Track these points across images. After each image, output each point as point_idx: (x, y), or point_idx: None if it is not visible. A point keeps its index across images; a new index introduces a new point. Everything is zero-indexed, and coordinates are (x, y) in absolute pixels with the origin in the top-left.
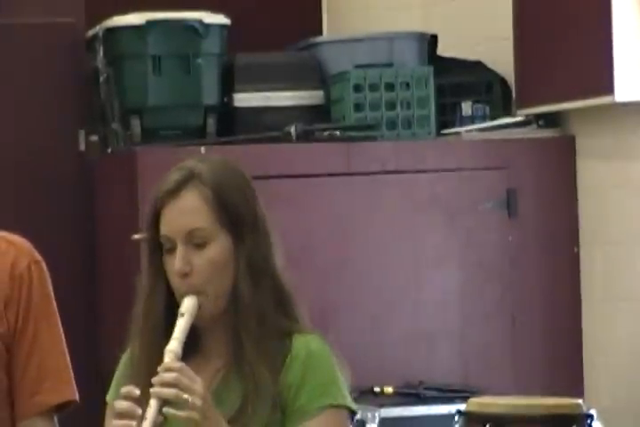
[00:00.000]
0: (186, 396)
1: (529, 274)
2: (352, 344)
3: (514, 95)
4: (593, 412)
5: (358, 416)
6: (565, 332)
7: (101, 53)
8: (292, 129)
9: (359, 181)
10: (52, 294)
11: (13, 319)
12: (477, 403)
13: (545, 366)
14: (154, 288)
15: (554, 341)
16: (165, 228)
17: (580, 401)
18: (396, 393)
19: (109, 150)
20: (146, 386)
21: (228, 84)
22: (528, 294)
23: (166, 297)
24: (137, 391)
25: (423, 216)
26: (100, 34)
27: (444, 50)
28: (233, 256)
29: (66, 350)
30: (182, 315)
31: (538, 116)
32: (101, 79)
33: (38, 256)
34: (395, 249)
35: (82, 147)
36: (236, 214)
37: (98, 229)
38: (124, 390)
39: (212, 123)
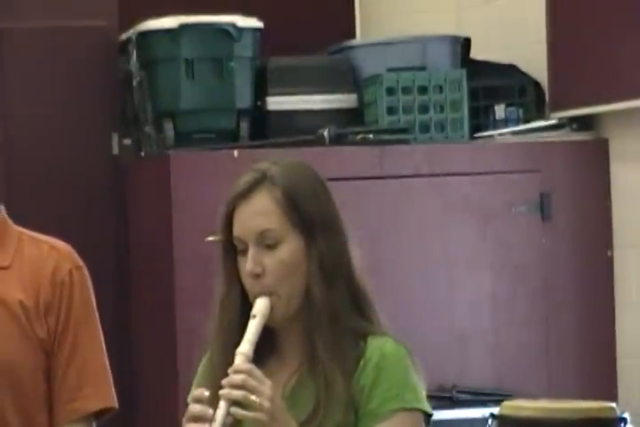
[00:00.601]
0: (254, 397)
1: (562, 277)
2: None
3: (547, 98)
4: (627, 415)
5: None
6: (599, 335)
7: (134, 57)
8: (325, 132)
9: (392, 184)
10: (94, 300)
11: (54, 325)
12: (511, 406)
13: (578, 369)
14: (228, 290)
15: (587, 344)
16: (237, 229)
17: (614, 405)
18: (428, 397)
19: (142, 154)
20: (220, 388)
21: (261, 87)
22: (561, 298)
23: (241, 298)
24: (206, 393)
25: (456, 220)
26: (134, 37)
27: (477, 53)
28: (305, 257)
29: (105, 357)
30: (254, 316)
31: (571, 120)
32: (134, 83)
33: (80, 262)
34: (427, 252)
35: (115, 150)
36: (308, 215)
37: (131, 233)
38: (196, 393)
39: (244, 126)
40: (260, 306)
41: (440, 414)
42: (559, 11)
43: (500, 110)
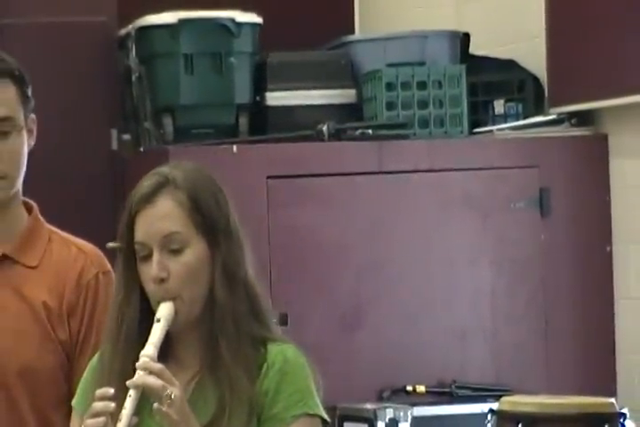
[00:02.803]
0: (169, 391)
1: (562, 273)
2: (384, 343)
3: (546, 94)
4: (626, 411)
5: (390, 415)
6: (598, 331)
7: (134, 52)
8: (324, 128)
9: (391, 179)
10: None
11: (76, 328)
12: (510, 402)
13: (577, 364)
14: (128, 296)
15: (587, 340)
16: (140, 234)
17: (613, 400)
18: (428, 392)
19: (141, 149)
20: (118, 391)
21: (261, 82)
22: (561, 293)
23: (140, 305)
24: (111, 391)
25: (455, 215)
26: (133, 33)
27: (476, 48)
28: (209, 261)
29: None
30: (158, 320)
31: (570, 115)
32: (134, 78)
33: (108, 266)
34: (427, 248)
35: (114, 146)
36: (211, 220)
37: None
38: (100, 391)
39: (244, 121)
40: (165, 310)
41: (440, 410)
42: (558, 6)
43: (499, 106)
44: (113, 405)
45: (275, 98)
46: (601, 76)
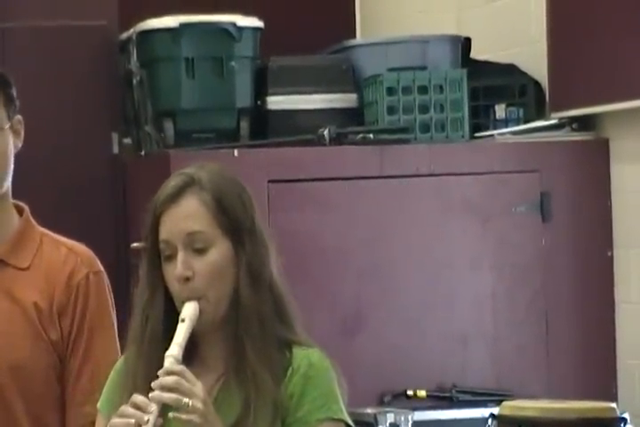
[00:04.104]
0: (186, 400)
1: (562, 277)
2: (385, 347)
3: (547, 98)
4: (626, 416)
5: (391, 420)
6: (599, 335)
7: (135, 56)
8: (326, 132)
9: (392, 183)
10: (111, 305)
11: (67, 329)
12: (511, 406)
13: (578, 369)
14: (152, 296)
15: (587, 344)
16: (166, 233)
17: (614, 405)
18: (428, 396)
19: (142, 153)
20: (144, 393)
21: (262, 86)
22: (562, 298)
23: (165, 305)
24: (143, 399)
25: (456, 219)
26: (134, 36)
27: (477, 53)
28: (233, 261)
29: None
30: (183, 320)
31: (572, 119)
32: (135, 82)
33: (99, 267)
34: (428, 252)
35: (115, 149)
36: (235, 220)
37: (131, 230)
38: (135, 398)
39: (245, 126)
40: (189, 310)
41: (440, 414)
42: (559, 11)
43: (500, 110)
44: (145, 417)
45: (276, 102)
46: (602, 81)
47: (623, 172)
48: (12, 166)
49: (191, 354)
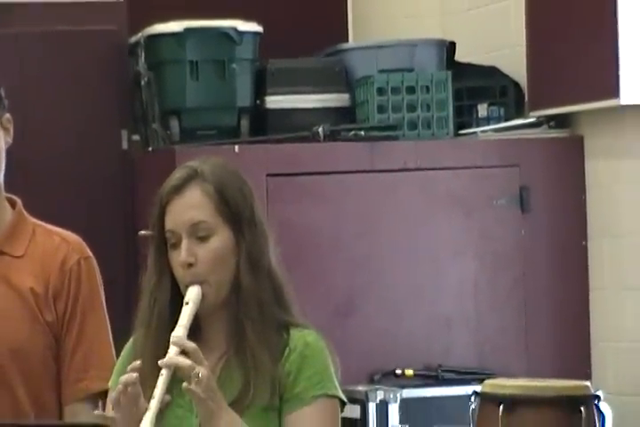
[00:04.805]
0: (197, 369)
1: (540, 265)
2: (376, 329)
3: (526, 98)
4: (600, 393)
5: (380, 397)
6: (574, 319)
7: (143, 59)
8: (320, 129)
9: (382, 177)
10: (101, 289)
11: (62, 311)
12: (492, 385)
13: (555, 350)
14: (159, 281)
15: (563, 327)
16: (171, 222)
17: (588, 383)
18: (416, 375)
19: (150, 149)
20: (150, 372)
21: (261, 87)
22: (539, 284)
23: (171, 290)
24: (138, 362)
25: (441, 211)
26: (142, 41)
27: (461, 56)
28: (234, 249)
29: (111, 341)
30: (187, 303)
31: (549, 118)
32: (143, 83)
33: (89, 253)
34: (415, 241)
35: (124, 146)
36: (236, 210)
37: (138, 221)
38: (130, 365)
39: (245, 123)
40: (193, 294)
41: (426, 392)
42: (537, 18)
43: (482, 109)
44: (136, 375)
45: (274, 101)
46: (577, 82)
47: (597, 167)
48: (3, 162)
49: (195, 335)
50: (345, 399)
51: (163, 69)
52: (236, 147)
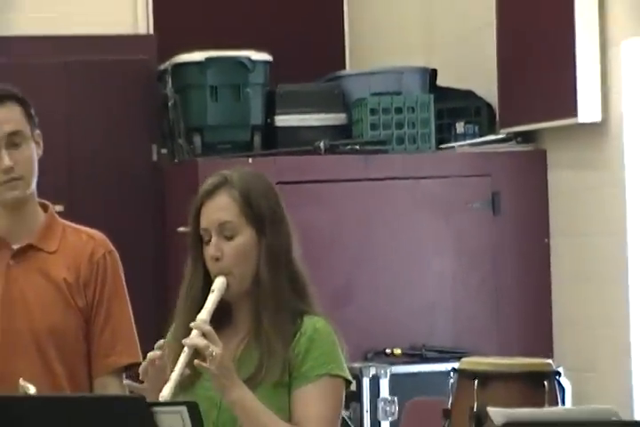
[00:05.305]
0: (212, 348)
1: (509, 260)
2: (369, 315)
3: (497, 117)
4: (560, 370)
5: (373, 373)
6: (538, 306)
7: (170, 84)
8: (321, 144)
9: (374, 185)
10: (123, 278)
11: (91, 297)
12: (468, 362)
13: (521, 332)
14: (195, 271)
15: (528, 313)
16: (204, 221)
17: (550, 361)
18: (403, 354)
19: (176, 161)
20: (180, 347)
21: (271, 108)
22: (508, 276)
23: (204, 278)
24: (162, 341)
25: (425, 213)
26: (169, 68)
27: (441, 81)
28: (255, 247)
29: (132, 323)
30: (213, 291)
31: (517, 134)
32: (170, 104)
33: (112, 247)
34: (402, 239)
35: (154, 158)
36: (259, 212)
37: (167, 224)
38: (157, 344)
39: (257, 139)
40: (218, 283)
41: (412, 368)
42: (507, 47)
43: (459, 127)
44: (160, 352)
45: (282, 120)
46: (541, 103)
47: (558, 176)
48: (36, 172)
49: (227, 318)
50: (350, 378)
51: (187, 93)
52: (250, 159)
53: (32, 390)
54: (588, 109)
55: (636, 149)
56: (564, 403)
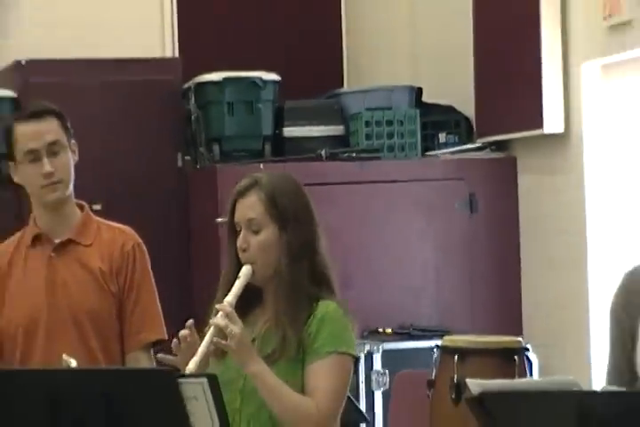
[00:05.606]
0: (231, 327)
1: (484, 253)
2: (365, 299)
3: (474, 129)
4: (528, 346)
5: (367, 348)
6: (509, 291)
7: (193, 100)
8: (322, 152)
9: (369, 187)
10: (149, 266)
11: (122, 283)
12: (449, 340)
13: (495, 314)
14: (230, 259)
15: (501, 297)
16: (236, 217)
17: (520, 339)
18: (393, 333)
19: (198, 166)
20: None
21: (279, 121)
22: (483, 266)
23: (237, 265)
24: (191, 321)
25: (411, 211)
26: (192, 87)
27: (427, 97)
28: (277, 241)
29: (158, 304)
30: (239, 277)
31: (491, 143)
32: (193, 118)
33: (140, 240)
34: (392, 234)
35: (179, 164)
36: (283, 211)
37: (191, 223)
38: (187, 323)
39: (268, 148)
40: (244, 270)
41: (401, 345)
42: (483, 68)
43: (442, 137)
44: (189, 331)
45: (289, 131)
46: (511, 116)
47: (526, 180)
48: (73, 176)
49: (259, 299)
50: (357, 355)
51: (207, 108)
52: (261, 165)
53: (73, 363)
54: (552, 122)
55: (595, 156)
56: (531, 375)
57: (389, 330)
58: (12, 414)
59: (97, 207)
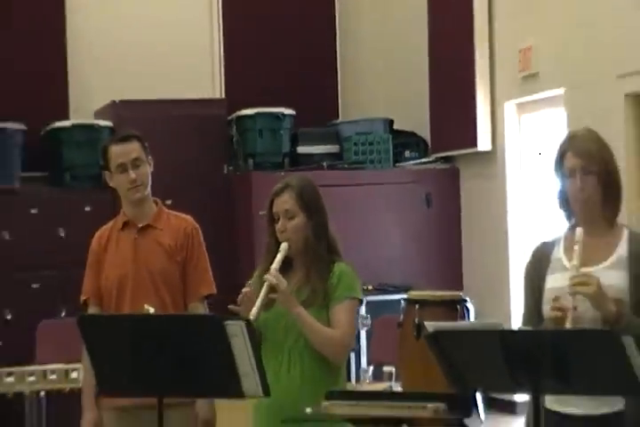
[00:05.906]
0: (279, 284)
1: (436, 235)
2: (355, 265)
3: (430, 147)
4: (467, 298)
5: None
6: (455, 261)
7: (234, 128)
8: (324, 164)
9: (356, 189)
10: (203, 243)
11: (184, 254)
12: (412, 294)
13: (444, 275)
14: (270, 239)
15: (449, 263)
16: (275, 209)
17: (461, 293)
18: (374, 289)
19: (238, 173)
20: (261, 283)
21: (294, 142)
22: (436, 244)
23: (275, 244)
24: (250, 281)
25: (387, 207)
26: (234, 118)
27: (397, 126)
28: (306, 225)
29: (210, 270)
30: (280, 251)
31: (441, 158)
32: (234, 140)
33: (197, 225)
34: (373, 221)
35: (225, 172)
36: (308, 204)
37: (235, 217)
38: (248, 283)
39: (287, 161)
40: (283, 246)
41: (379, 298)
42: (435, 106)
43: (407, 153)
44: (248, 289)
45: (301, 149)
46: (455, 138)
47: (466, 185)
48: (150, 181)
49: (290, 267)
50: (362, 298)
51: (244, 133)
52: (282, 173)
53: (152, 310)
54: (483, 142)
55: (514, 168)
56: (469, 319)
57: (371, 287)
58: (113, 344)
59: (168, 202)
